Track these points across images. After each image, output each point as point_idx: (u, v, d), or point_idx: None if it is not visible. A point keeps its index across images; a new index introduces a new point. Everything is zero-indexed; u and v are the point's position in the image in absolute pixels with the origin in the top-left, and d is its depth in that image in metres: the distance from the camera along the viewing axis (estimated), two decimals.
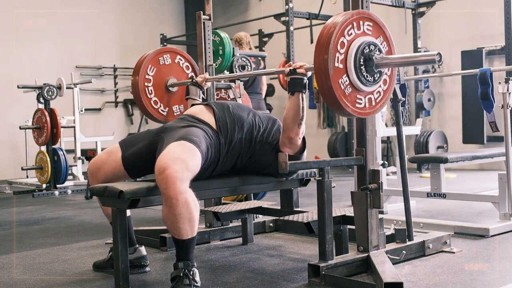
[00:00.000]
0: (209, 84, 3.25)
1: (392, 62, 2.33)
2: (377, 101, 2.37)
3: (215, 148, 2.51)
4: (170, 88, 3.38)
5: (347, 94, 2.23)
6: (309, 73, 2.51)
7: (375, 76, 2.30)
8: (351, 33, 2.24)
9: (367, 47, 2.26)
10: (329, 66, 2.15)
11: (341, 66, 2.20)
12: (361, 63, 2.25)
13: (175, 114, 3.38)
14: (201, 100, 3.17)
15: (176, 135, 2.40)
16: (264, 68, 6.63)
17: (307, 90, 2.56)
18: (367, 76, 2.27)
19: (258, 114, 2.73)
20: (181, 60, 3.44)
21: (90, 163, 2.63)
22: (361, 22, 2.28)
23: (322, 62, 2.17)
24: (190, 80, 3.26)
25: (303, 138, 2.64)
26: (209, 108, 2.66)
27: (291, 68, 2.52)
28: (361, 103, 2.30)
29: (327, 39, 2.18)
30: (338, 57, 2.19)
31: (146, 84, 3.31)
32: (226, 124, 2.58)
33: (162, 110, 3.36)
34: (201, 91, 3.19)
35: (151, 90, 3.32)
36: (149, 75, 3.32)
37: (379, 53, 2.29)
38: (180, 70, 3.43)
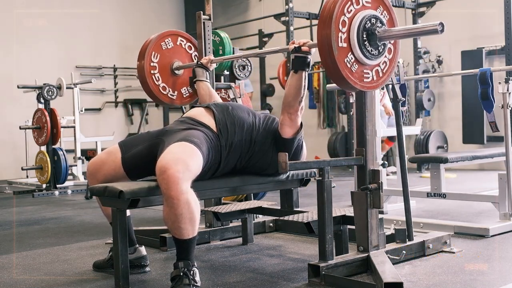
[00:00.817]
0: (214, 65, 3.28)
1: (395, 34, 2.33)
2: (384, 71, 2.39)
3: (215, 150, 2.51)
4: (176, 71, 3.40)
5: (353, 71, 2.24)
6: (313, 50, 2.52)
7: (379, 48, 2.31)
8: (351, 10, 2.24)
9: (368, 22, 2.26)
10: (333, 47, 2.15)
11: (345, 45, 2.21)
12: (364, 38, 2.25)
13: (184, 96, 3.43)
14: (208, 81, 3.21)
15: (177, 137, 2.40)
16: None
17: (309, 68, 2.57)
18: (371, 50, 2.28)
19: (257, 115, 2.73)
20: (183, 41, 3.47)
21: (90, 163, 2.62)
22: None
23: (325, 38, 2.17)
24: (196, 62, 3.27)
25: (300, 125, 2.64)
26: (209, 111, 2.65)
27: (296, 45, 2.53)
28: (368, 77, 2.31)
29: (329, 14, 2.18)
30: (341, 36, 2.20)
31: (152, 71, 3.34)
32: (226, 126, 2.58)
33: (171, 94, 3.39)
34: (207, 73, 3.22)
35: (157, 76, 3.35)
36: (153, 62, 3.35)
37: (381, 25, 2.29)
38: (183, 51, 3.46)
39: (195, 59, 3.44)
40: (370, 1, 2.32)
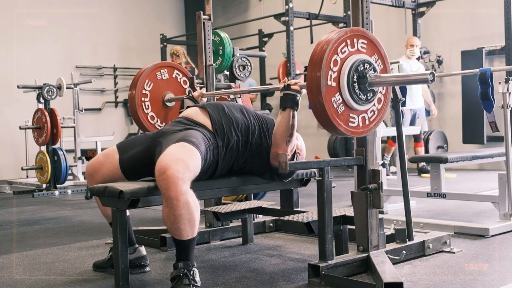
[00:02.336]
0: (204, 99, 3.21)
1: (386, 80, 2.30)
2: (371, 120, 2.34)
3: (213, 150, 2.51)
4: (167, 103, 3.37)
5: (339, 112, 2.20)
6: (303, 91, 2.48)
7: (368, 95, 2.28)
8: (345, 51, 2.22)
9: (361, 65, 2.24)
10: (322, 84, 2.12)
11: (333, 84, 2.18)
12: (355, 80, 2.22)
13: None
14: None
15: (175, 138, 2.40)
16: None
17: (298, 107, 2.53)
18: (360, 94, 2.24)
19: (252, 114, 2.72)
20: (179, 75, 3.43)
21: (88, 165, 2.63)
22: (355, 40, 2.27)
23: (314, 79, 2.14)
24: (187, 94, 3.26)
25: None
26: (204, 111, 2.65)
27: (285, 83, 2.51)
28: (354, 122, 2.27)
29: (319, 56, 2.15)
30: (331, 75, 2.17)
31: (142, 99, 3.30)
32: (222, 125, 2.58)
33: (158, 125, 3.36)
34: None
35: (147, 105, 3.31)
36: (146, 90, 3.31)
37: (373, 71, 2.26)
38: (178, 85, 3.42)
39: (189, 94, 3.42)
40: (366, 47, 2.31)
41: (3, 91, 8.56)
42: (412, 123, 6.51)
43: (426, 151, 7.02)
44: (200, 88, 3.42)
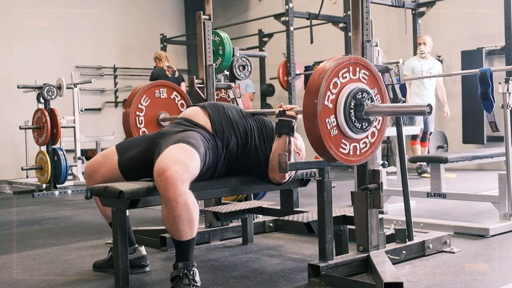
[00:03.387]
0: None
1: (382, 110, 2.30)
2: (363, 151, 2.32)
3: (213, 151, 2.50)
4: (162, 123, 3.33)
5: (332, 135, 2.18)
6: (299, 116, 2.48)
7: (363, 124, 2.27)
8: (346, 77, 2.22)
9: (360, 93, 2.23)
10: (318, 108, 2.11)
11: (330, 105, 2.17)
12: (351, 107, 2.22)
13: None
14: None
15: (174, 139, 2.40)
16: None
17: (295, 133, 2.53)
18: (355, 122, 2.23)
19: (247, 116, 2.71)
20: (177, 97, 3.41)
21: (87, 165, 2.63)
22: (357, 69, 2.26)
23: (311, 105, 2.13)
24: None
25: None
26: (204, 111, 2.64)
27: (281, 109, 2.51)
28: (345, 149, 2.25)
29: (317, 84, 2.14)
30: (329, 95, 2.16)
31: (137, 113, 3.26)
32: (222, 127, 2.58)
33: None
34: None
35: (141, 120, 3.27)
36: (142, 105, 3.28)
37: (370, 101, 2.26)
38: (175, 107, 3.39)
39: None
40: (367, 78, 2.30)
41: (3, 91, 8.56)
42: (426, 122, 6.48)
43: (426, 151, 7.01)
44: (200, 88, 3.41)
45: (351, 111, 2.22)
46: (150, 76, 7.19)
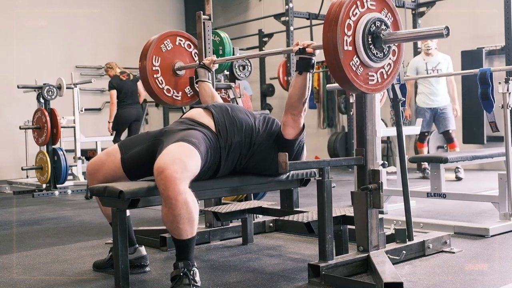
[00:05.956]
0: (216, 65, 3.28)
1: (400, 37, 2.33)
2: (389, 73, 2.39)
3: (215, 150, 2.50)
4: (178, 72, 3.39)
5: (359, 74, 2.24)
6: (317, 52, 2.52)
7: (384, 51, 2.31)
8: (356, 13, 2.24)
9: (373, 25, 2.26)
10: (339, 47, 2.15)
11: (350, 48, 2.21)
12: (370, 42, 2.26)
13: (188, 96, 3.42)
14: (210, 82, 3.23)
15: (175, 137, 2.40)
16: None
17: (313, 69, 2.58)
18: (376, 53, 2.28)
19: (256, 116, 2.72)
20: (182, 40, 3.46)
21: (89, 164, 2.62)
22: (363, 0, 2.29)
23: (330, 39, 2.17)
24: (198, 63, 3.28)
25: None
26: (208, 112, 2.65)
27: (300, 47, 2.53)
28: (373, 79, 2.32)
29: (334, 17, 2.18)
30: (346, 40, 2.20)
31: (155, 76, 3.32)
32: (225, 127, 2.58)
33: (176, 96, 3.39)
34: (209, 73, 3.23)
35: (161, 80, 3.34)
36: (155, 66, 3.33)
37: (385, 28, 2.29)
38: (183, 51, 3.45)
39: (195, 56, 3.44)
40: (375, 3, 2.32)
41: (3, 91, 8.55)
42: (438, 122, 6.28)
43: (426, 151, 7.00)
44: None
45: (370, 46, 2.26)
46: (109, 87, 7.36)
